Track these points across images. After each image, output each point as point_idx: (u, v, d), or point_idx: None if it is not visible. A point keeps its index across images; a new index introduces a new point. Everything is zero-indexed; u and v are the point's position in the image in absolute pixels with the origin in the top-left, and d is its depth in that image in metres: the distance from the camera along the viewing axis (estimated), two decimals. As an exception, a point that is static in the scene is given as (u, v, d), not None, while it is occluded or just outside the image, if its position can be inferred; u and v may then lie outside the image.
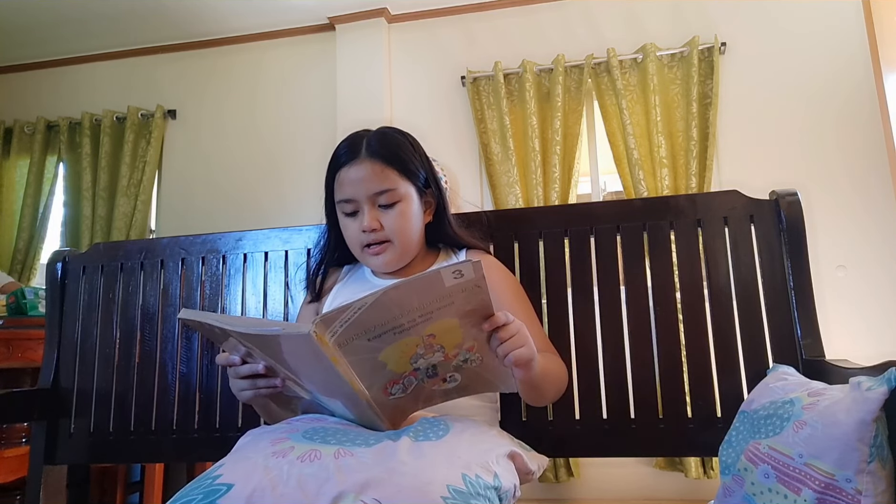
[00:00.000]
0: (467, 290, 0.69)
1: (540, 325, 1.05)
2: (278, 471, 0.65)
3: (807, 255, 1.06)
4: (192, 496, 0.63)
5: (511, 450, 0.79)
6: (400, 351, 0.73)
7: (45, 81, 3.45)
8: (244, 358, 0.80)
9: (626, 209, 1.17)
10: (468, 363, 0.78)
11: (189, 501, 0.63)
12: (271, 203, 3.09)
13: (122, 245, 1.36)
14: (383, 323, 0.69)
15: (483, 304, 0.72)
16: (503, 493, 0.71)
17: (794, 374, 0.92)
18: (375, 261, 0.99)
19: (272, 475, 0.64)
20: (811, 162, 2.60)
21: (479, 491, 0.66)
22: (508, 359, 0.75)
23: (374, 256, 0.98)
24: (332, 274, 1.11)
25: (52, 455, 1.26)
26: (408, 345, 0.72)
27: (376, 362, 0.72)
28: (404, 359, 0.74)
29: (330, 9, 3.03)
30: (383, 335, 0.70)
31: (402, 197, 0.97)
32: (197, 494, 0.63)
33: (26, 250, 3.18)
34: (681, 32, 2.77)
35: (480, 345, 0.77)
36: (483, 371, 0.80)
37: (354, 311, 0.67)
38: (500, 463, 0.74)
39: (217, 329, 0.75)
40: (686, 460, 2.43)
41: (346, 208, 0.98)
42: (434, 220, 1.05)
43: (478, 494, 0.65)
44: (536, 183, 2.71)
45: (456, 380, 0.80)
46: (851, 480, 0.65)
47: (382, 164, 0.95)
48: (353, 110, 2.98)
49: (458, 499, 0.63)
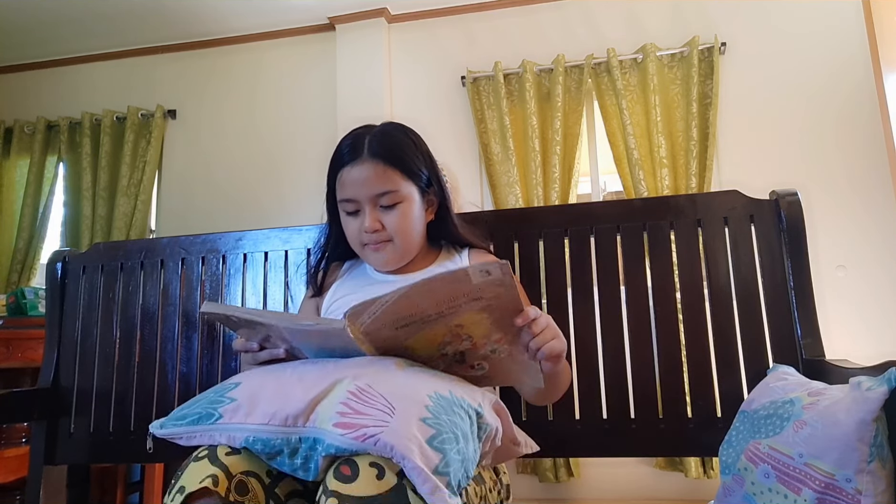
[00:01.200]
0: (495, 286, 0.72)
1: None
2: (281, 371, 0.75)
3: (807, 255, 1.06)
4: (207, 393, 0.75)
5: (497, 400, 0.80)
6: (427, 339, 0.77)
7: (45, 81, 3.45)
8: (262, 343, 0.84)
9: (626, 209, 1.17)
10: (496, 353, 0.80)
11: (204, 396, 0.74)
12: (271, 203, 3.09)
13: (122, 245, 1.36)
14: (411, 315, 0.73)
15: (513, 300, 0.74)
16: (484, 423, 0.73)
17: (794, 374, 0.93)
18: (376, 258, 1.00)
19: (275, 374, 0.74)
20: (811, 162, 2.60)
21: (463, 406, 0.70)
22: (541, 353, 0.77)
23: (375, 254, 0.99)
24: (333, 269, 1.11)
25: (52, 455, 1.26)
26: (435, 333, 0.76)
27: (402, 349, 0.78)
28: (432, 345, 0.78)
29: (330, 9, 3.03)
30: (410, 325, 0.74)
31: (404, 198, 0.97)
32: (210, 392, 0.75)
33: (26, 250, 3.18)
34: (681, 32, 2.77)
35: (510, 338, 0.79)
36: (511, 363, 0.82)
37: (382, 305, 0.71)
38: (484, 402, 0.76)
39: (243, 320, 0.80)
40: (686, 460, 2.43)
41: (347, 207, 0.98)
42: (436, 218, 1.05)
43: (460, 407, 0.70)
44: (536, 183, 2.71)
45: (483, 368, 0.82)
46: (851, 480, 0.65)
47: (384, 165, 0.95)
48: (353, 110, 2.97)
49: (441, 402, 0.68)
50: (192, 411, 0.72)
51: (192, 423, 0.71)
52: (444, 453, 0.63)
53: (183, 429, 0.71)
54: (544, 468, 2.51)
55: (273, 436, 0.67)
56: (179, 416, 0.73)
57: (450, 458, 0.63)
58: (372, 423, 0.63)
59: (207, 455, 0.68)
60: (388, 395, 0.67)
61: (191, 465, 0.68)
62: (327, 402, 0.67)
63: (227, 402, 0.71)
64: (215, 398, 0.72)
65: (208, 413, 0.71)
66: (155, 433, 0.74)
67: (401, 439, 0.61)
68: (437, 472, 0.61)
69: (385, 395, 0.67)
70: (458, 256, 1.05)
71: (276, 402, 0.68)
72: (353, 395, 0.66)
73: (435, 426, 0.64)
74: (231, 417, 0.69)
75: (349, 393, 0.67)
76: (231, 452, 0.69)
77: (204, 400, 0.73)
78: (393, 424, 0.63)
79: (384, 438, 0.61)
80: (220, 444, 0.69)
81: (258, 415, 0.68)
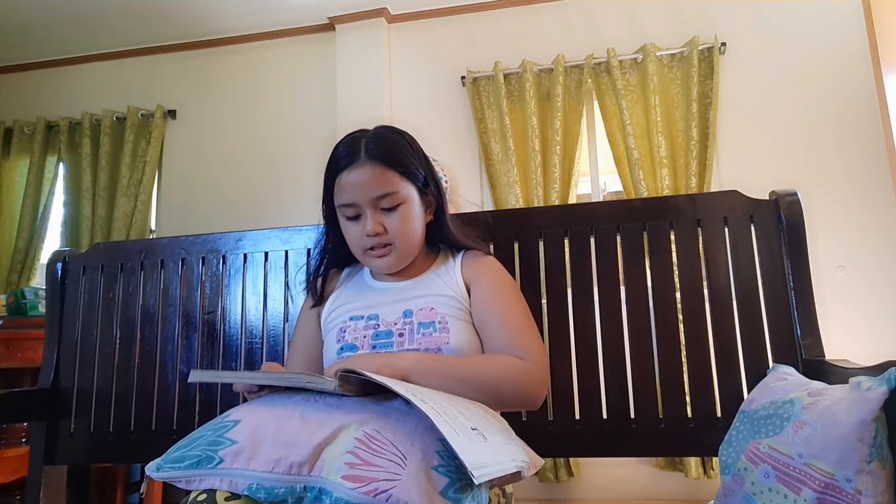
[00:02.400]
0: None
1: (528, 325, 0.98)
2: (283, 408, 0.72)
3: (807, 255, 1.06)
4: (204, 432, 0.73)
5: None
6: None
7: (45, 81, 3.45)
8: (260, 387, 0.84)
9: (626, 209, 1.17)
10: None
11: (201, 435, 0.72)
12: (271, 203, 3.09)
13: (122, 245, 1.36)
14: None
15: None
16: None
17: (794, 374, 0.93)
18: (378, 263, 0.99)
19: (277, 411, 0.72)
20: (811, 162, 2.60)
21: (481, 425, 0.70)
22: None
23: (377, 259, 0.98)
24: (332, 277, 1.10)
25: (52, 455, 1.26)
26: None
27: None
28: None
29: (330, 9, 3.03)
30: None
31: (404, 199, 0.96)
32: (208, 431, 0.72)
33: (26, 250, 3.18)
34: (681, 32, 2.77)
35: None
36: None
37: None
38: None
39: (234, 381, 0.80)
40: (686, 460, 2.43)
41: (347, 212, 0.98)
42: (434, 219, 1.05)
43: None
44: (536, 183, 2.71)
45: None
46: (851, 480, 0.65)
47: (383, 167, 0.94)
48: (353, 110, 2.98)
49: (448, 445, 0.66)
50: (191, 453, 0.70)
51: (190, 466, 0.69)
52: (459, 502, 0.62)
53: (182, 472, 0.69)
54: (544, 468, 2.51)
55: (277, 484, 0.65)
56: (177, 459, 0.70)
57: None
58: (384, 477, 0.61)
59: (206, 500, 0.67)
60: (398, 443, 0.65)
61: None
62: (334, 450, 0.65)
63: (227, 443, 0.69)
64: (214, 439, 0.70)
65: (208, 456, 0.69)
66: (152, 476, 0.71)
67: (413, 495, 0.60)
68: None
69: (395, 442, 0.65)
70: (452, 261, 1.04)
71: (280, 447, 0.67)
72: (361, 443, 0.65)
73: (448, 475, 0.63)
74: (233, 462, 0.67)
75: (357, 440, 0.65)
76: (230, 498, 0.67)
77: (202, 441, 0.71)
78: (405, 478, 0.61)
79: (396, 494, 0.60)
80: (220, 489, 0.68)
81: (261, 461, 0.66)
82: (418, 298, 0.98)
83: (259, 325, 1.25)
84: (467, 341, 0.94)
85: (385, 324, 0.96)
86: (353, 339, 0.96)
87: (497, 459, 0.65)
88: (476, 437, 0.67)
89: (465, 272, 1.01)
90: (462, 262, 1.04)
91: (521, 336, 0.94)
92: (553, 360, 1.13)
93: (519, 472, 0.69)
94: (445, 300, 0.97)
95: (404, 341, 0.94)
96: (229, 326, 1.27)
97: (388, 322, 0.96)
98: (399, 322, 0.96)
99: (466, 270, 1.02)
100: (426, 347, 0.92)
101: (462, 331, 0.94)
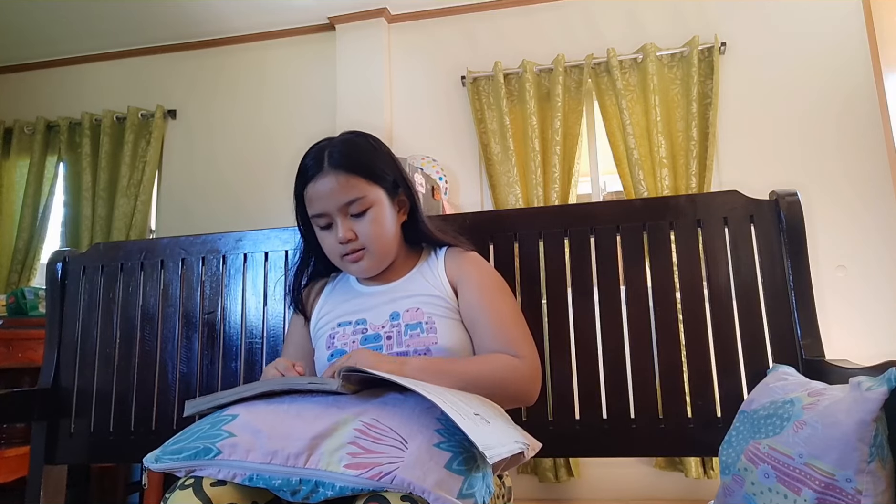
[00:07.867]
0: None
1: (517, 321, 0.98)
2: (280, 404, 0.73)
3: (807, 255, 1.06)
4: (202, 425, 0.74)
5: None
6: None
7: (45, 81, 3.45)
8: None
9: (626, 209, 1.17)
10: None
11: (200, 428, 0.73)
12: (272, 203, 3.09)
13: (122, 245, 1.36)
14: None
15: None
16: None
17: (794, 374, 0.93)
18: (355, 268, 1.00)
19: (274, 407, 0.73)
20: (811, 162, 2.60)
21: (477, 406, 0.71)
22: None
23: (353, 264, 0.99)
24: (315, 288, 1.11)
25: (52, 455, 1.26)
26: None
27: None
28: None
29: (330, 9, 3.03)
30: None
31: (372, 203, 0.97)
32: (206, 424, 0.73)
33: (26, 250, 3.18)
34: (681, 32, 2.77)
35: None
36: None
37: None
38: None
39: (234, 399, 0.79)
40: (686, 460, 2.43)
41: (320, 222, 0.99)
42: (409, 218, 1.05)
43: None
44: (536, 183, 2.71)
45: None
46: (851, 480, 0.65)
47: (347, 174, 0.95)
48: (353, 110, 2.97)
49: (447, 424, 0.68)
50: (189, 445, 0.71)
51: (189, 457, 0.70)
52: (465, 474, 0.63)
53: (180, 463, 0.70)
54: (544, 468, 2.51)
55: (274, 475, 0.66)
56: (175, 450, 0.71)
57: (472, 479, 0.63)
58: (387, 461, 0.62)
59: (192, 485, 0.67)
60: (398, 428, 0.66)
61: (176, 493, 0.67)
62: (333, 442, 0.66)
63: (224, 435, 0.70)
64: (212, 432, 0.71)
65: (206, 448, 0.69)
66: (150, 467, 0.72)
67: (417, 473, 0.61)
68: (461, 495, 0.61)
69: (394, 427, 0.66)
70: (435, 258, 1.05)
71: (277, 439, 0.68)
72: (361, 433, 0.66)
73: (450, 449, 0.64)
74: (231, 453, 0.68)
75: (357, 431, 0.66)
76: (216, 484, 0.68)
77: (200, 433, 0.72)
78: (407, 458, 0.62)
79: (400, 475, 0.61)
80: (216, 477, 0.69)
81: (259, 453, 0.67)
82: (404, 300, 0.99)
83: (259, 325, 1.25)
84: (456, 340, 0.94)
85: (373, 327, 0.97)
86: (343, 345, 0.97)
87: (502, 441, 0.66)
88: (480, 421, 0.68)
89: (449, 270, 1.02)
90: (445, 259, 1.04)
91: (511, 333, 0.95)
92: (553, 361, 1.13)
93: (521, 453, 0.70)
94: (431, 300, 0.98)
95: (392, 344, 0.94)
96: (229, 326, 1.27)
97: (375, 326, 0.97)
98: (386, 325, 0.96)
99: (451, 268, 1.02)
100: (415, 349, 0.93)
101: (450, 329, 0.95)
